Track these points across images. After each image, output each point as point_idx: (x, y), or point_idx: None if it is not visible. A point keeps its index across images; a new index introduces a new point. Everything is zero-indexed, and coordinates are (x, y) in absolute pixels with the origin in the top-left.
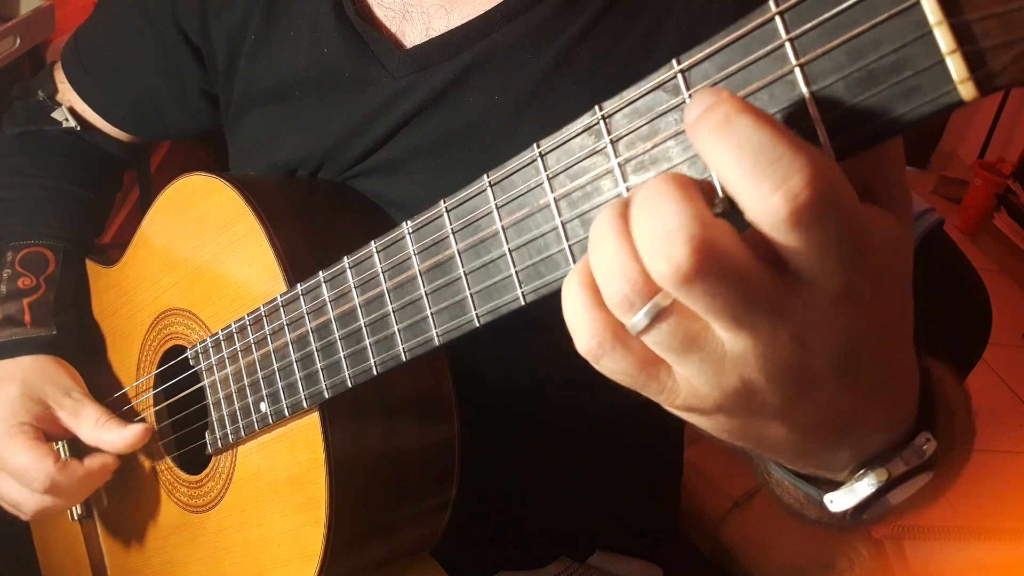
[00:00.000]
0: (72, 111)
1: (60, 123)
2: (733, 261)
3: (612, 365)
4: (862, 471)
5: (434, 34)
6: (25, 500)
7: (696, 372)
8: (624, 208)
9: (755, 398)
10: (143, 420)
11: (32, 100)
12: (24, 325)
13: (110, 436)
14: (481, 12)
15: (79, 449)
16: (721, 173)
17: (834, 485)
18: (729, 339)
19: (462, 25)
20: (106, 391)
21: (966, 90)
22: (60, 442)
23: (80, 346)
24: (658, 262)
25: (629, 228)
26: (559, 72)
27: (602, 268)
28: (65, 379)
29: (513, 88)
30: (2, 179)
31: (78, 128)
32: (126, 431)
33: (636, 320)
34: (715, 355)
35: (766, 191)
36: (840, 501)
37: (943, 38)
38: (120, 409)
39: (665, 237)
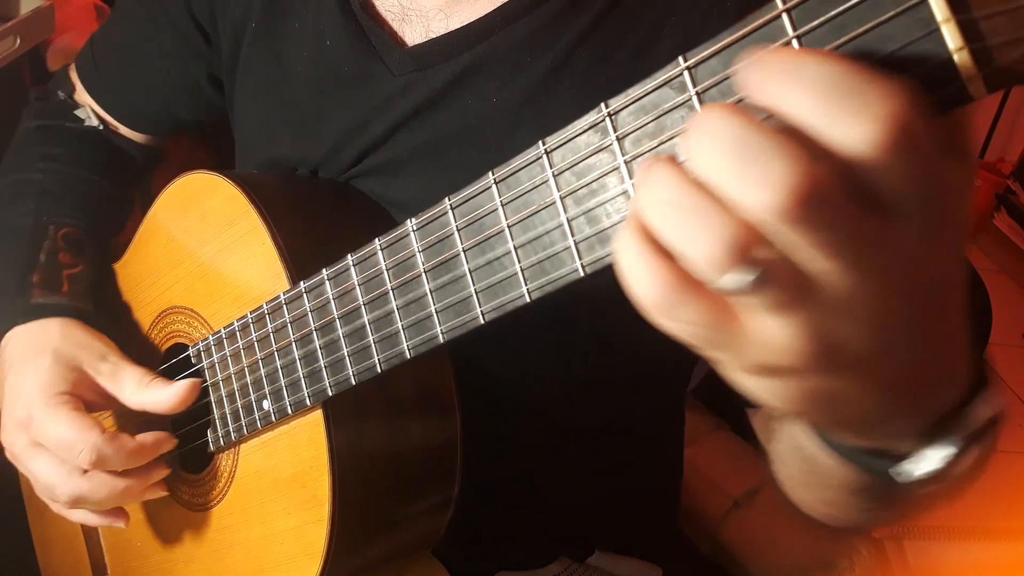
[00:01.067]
0: (92, 111)
1: (83, 120)
2: (834, 188)
3: (687, 315)
4: (937, 435)
5: (434, 36)
6: (62, 482)
7: (789, 322)
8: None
9: (844, 346)
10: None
11: (53, 100)
12: (61, 293)
13: (156, 396)
14: (480, 15)
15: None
16: (802, 108)
17: (899, 458)
18: (828, 279)
19: (461, 27)
20: None
21: (973, 87)
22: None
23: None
24: (758, 192)
25: (691, 179)
26: (557, 76)
27: (678, 229)
28: (98, 344)
29: (511, 91)
30: (34, 164)
31: (100, 127)
32: (173, 388)
33: (736, 277)
34: (816, 303)
35: (868, 118)
36: (919, 467)
37: (950, 35)
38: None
39: (762, 163)
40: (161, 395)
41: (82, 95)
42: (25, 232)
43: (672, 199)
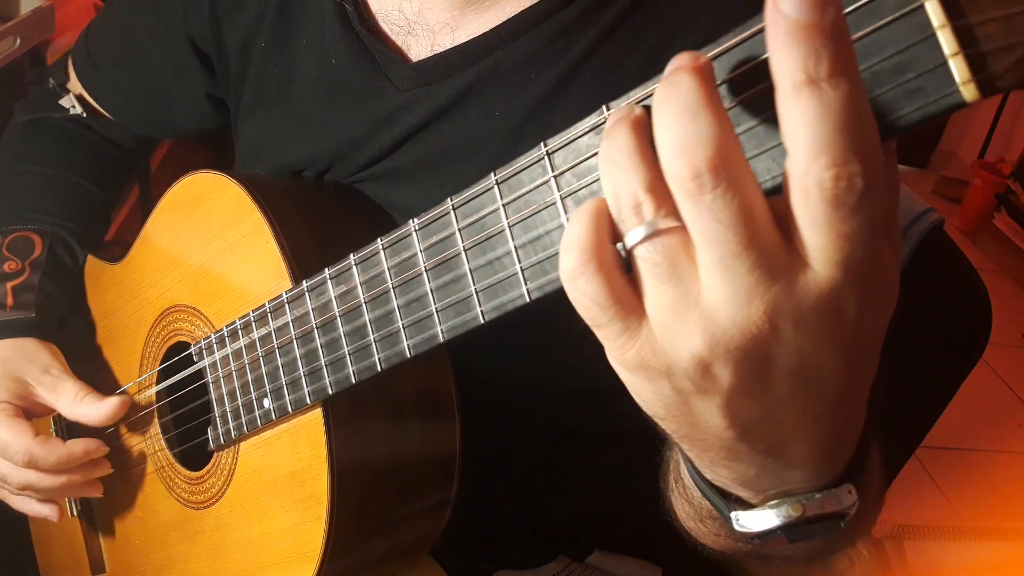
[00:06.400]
0: (80, 99)
1: (67, 110)
2: (748, 187)
3: (586, 288)
4: (778, 500)
5: (439, 50)
6: (12, 472)
7: (665, 311)
8: (638, 120)
9: (707, 369)
10: (138, 403)
11: (44, 87)
12: (5, 308)
13: (87, 409)
14: (486, 30)
15: (75, 433)
16: (795, 130)
17: (744, 505)
18: (708, 285)
19: (467, 42)
20: (109, 387)
21: (968, 92)
22: (57, 425)
23: (82, 340)
24: (677, 163)
25: (643, 141)
26: (561, 91)
27: (616, 175)
28: (44, 357)
29: (515, 106)
30: (6, 166)
31: (84, 115)
32: (103, 404)
33: (637, 230)
34: (688, 298)
35: (822, 164)
36: (746, 522)
37: (946, 41)
38: None
39: (691, 139)
40: (91, 409)
41: (75, 84)
42: None
43: (610, 149)
